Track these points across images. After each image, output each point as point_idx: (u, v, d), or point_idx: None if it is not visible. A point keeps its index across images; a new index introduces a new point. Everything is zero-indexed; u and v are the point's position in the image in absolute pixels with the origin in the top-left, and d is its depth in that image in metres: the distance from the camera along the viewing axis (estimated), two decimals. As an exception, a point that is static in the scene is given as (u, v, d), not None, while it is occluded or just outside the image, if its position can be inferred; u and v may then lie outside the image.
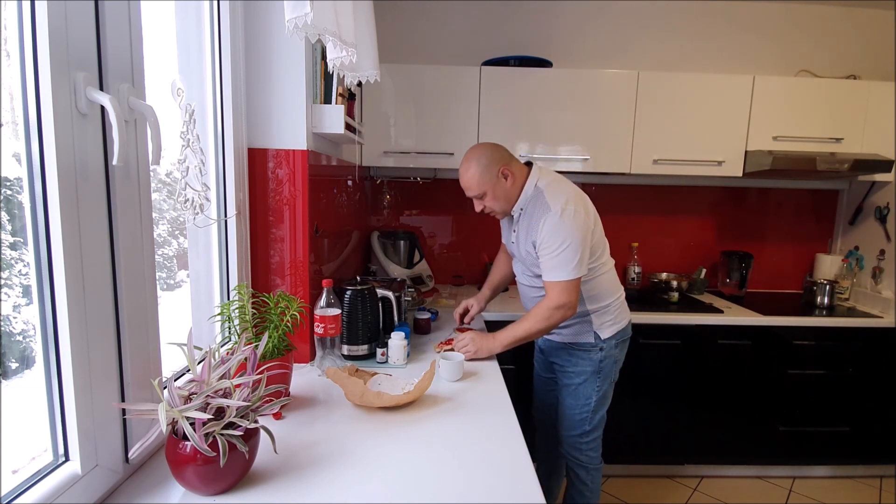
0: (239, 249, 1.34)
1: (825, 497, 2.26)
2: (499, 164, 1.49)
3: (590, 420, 1.62)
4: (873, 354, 2.22)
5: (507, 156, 1.54)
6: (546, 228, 1.43)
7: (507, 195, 1.52)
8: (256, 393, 0.87)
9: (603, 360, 1.59)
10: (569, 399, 1.64)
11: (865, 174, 2.40)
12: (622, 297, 1.66)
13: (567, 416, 1.65)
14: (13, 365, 0.77)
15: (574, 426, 1.64)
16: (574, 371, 1.62)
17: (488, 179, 1.49)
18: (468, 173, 1.51)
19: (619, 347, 1.63)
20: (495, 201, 1.53)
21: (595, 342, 1.58)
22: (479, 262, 2.74)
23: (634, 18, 2.57)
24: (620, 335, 1.62)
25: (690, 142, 2.31)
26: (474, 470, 0.94)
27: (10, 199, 0.72)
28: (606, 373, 1.61)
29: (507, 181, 1.50)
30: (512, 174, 1.50)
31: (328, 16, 1.08)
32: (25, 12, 0.67)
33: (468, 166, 1.51)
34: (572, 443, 1.66)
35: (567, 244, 1.41)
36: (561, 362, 1.66)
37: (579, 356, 1.61)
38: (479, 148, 1.53)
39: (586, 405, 1.61)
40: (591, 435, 1.64)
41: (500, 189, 1.51)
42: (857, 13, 2.58)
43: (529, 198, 1.51)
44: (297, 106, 1.38)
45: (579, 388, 1.61)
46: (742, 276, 2.57)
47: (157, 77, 0.95)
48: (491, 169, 1.49)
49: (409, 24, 2.53)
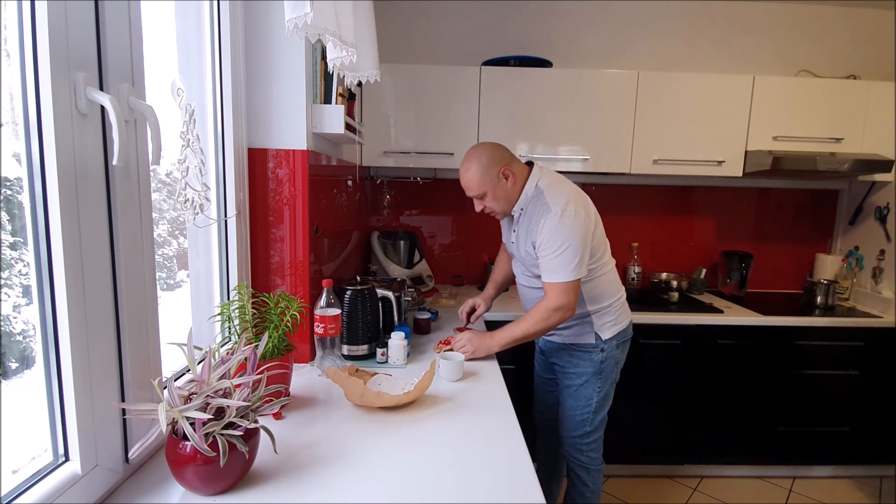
0: (239, 249, 1.34)
1: (825, 497, 2.26)
2: (500, 165, 1.49)
3: (591, 421, 1.62)
4: (873, 354, 2.22)
5: (509, 156, 1.53)
6: (546, 229, 1.42)
7: (507, 196, 1.52)
8: (256, 393, 0.87)
9: (604, 360, 1.58)
10: (570, 400, 1.64)
11: (865, 174, 2.40)
12: (623, 298, 1.65)
13: (568, 417, 1.65)
14: (13, 365, 0.77)
15: (575, 427, 1.64)
16: (575, 372, 1.62)
17: (489, 180, 1.49)
18: (468, 173, 1.50)
19: (621, 348, 1.63)
20: (495, 202, 1.52)
21: (596, 343, 1.58)
22: (479, 262, 2.74)
23: (634, 18, 2.57)
24: (621, 336, 1.62)
25: (690, 142, 2.31)
26: (474, 470, 0.94)
27: (10, 199, 0.72)
28: (607, 374, 1.60)
29: (507, 181, 1.50)
30: (513, 174, 1.50)
31: (328, 16, 1.08)
32: (25, 12, 0.67)
33: (469, 166, 1.50)
34: (573, 444, 1.65)
35: (567, 245, 1.40)
36: (562, 363, 1.66)
37: (580, 357, 1.60)
38: (480, 147, 1.52)
39: (587, 406, 1.61)
40: (593, 436, 1.64)
41: (501, 189, 1.50)
42: (857, 13, 2.58)
43: (530, 198, 1.51)
44: (297, 106, 1.38)
45: (580, 389, 1.61)
46: (742, 276, 2.57)
47: (158, 77, 0.95)
48: (491, 169, 1.48)
49: (409, 24, 2.53)
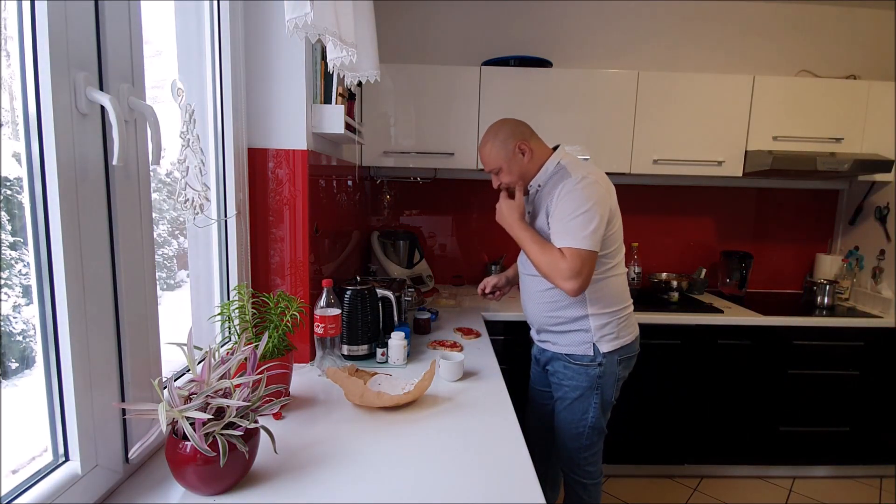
0: (239, 249, 1.34)
1: (825, 497, 2.26)
2: (516, 140, 1.46)
3: (587, 435, 1.54)
4: (873, 354, 2.22)
5: (528, 132, 1.50)
6: (563, 193, 1.36)
7: (521, 171, 1.48)
8: (256, 393, 0.87)
9: (601, 376, 1.49)
10: (565, 413, 1.55)
11: (865, 174, 2.40)
12: (629, 311, 1.54)
13: (563, 430, 1.57)
14: (13, 365, 0.77)
15: (571, 440, 1.56)
16: (569, 385, 1.53)
17: (503, 155, 1.46)
18: (485, 148, 1.49)
19: (623, 365, 1.52)
20: (511, 176, 1.49)
21: (594, 356, 1.48)
22: (480, 262, 2.74)
23: (634, 19, 2.57)
24: (624, 352, 1.51)
25: (690, 142, 2.31)
26: (474, 470, 0.94)
27: (10, 199, 0.72)
28: (605, 389, 1.50)
29: (524, 157, 1.47)
30: (530, 150, 1.46)
31: (328, 16, 1.08)
32: (25, 12, 0.67)
33: (486, 140, 1.49)
34: (571, 457, 1.58)
35: (583, 210, 1.33)
36: (557, 375, 1.57)
37: (575, 370, 1.51)
38: (499, 123, 1.50)
39: (583, 420, 1.53)
40: (591, 449, 1.56)
41: (515, 165, 1.47)
42: (857, 13, 2.58)
43: (550, 173, 1.47)
44: (297, 106, 1.38)
45: (575, 402, 1.53)
46: (742, 276, 2.57)
47: (157, 77, 0.95)
48: (507, 144, 1.46)
49: (409, 24, 2.53)
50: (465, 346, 1.69)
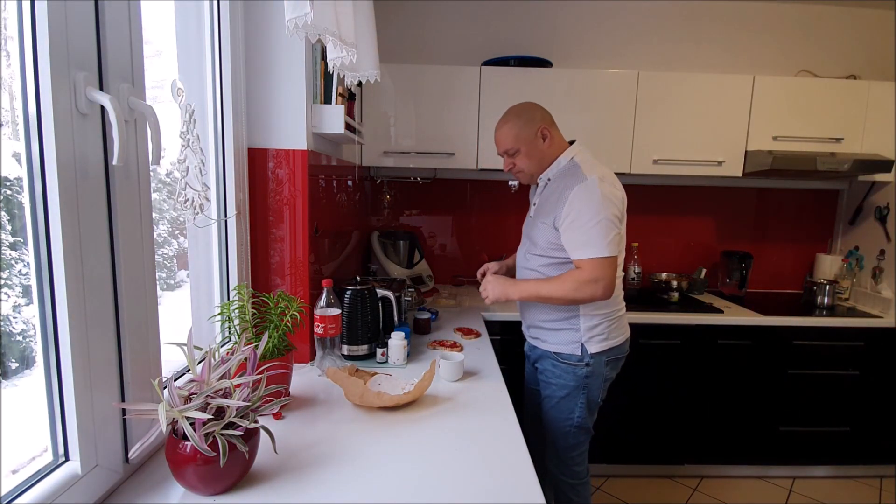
0: (239, 249, 1.34)
1: (825, 497, 2.26)
2: (539, 123, 1.45)
3: (574, 434, 1.54)
4: (873, 354, 2.22)
5: (550, 119, 1.50)
6: (580, 197, 1.33)
7: (540, 157, 1.46)
8: (256, 393, 0.87)
9: (588, 376, 1.48)
10: (552, 412, 1.56)
11: (865, 174, 2.40)
12: (621, 312, 1.55)
13: (550, 429, 1.58)
14: (13, 365, 0.77)
15: (557, 438, 1.56)
16: (556, 383, 1.53)
17: (525, 136, 1.44)
18: (505, 126, 1.46)
19: (611, 366, 1.52)
20: (528, 160, 1.47)
21: (581, 356, 1.48)
22: (479, 262, 2.71)
23: (634, 18, 2.57)
24: (613, 353, 1.51)
25: (690, 142, 2.31)
26: (474, 470, 0.94)
27: (10, 199, 0.72)
28: (592, 390, 1.50)
29: (544, 142, 1.45)
30: (551, 136, 1.45)
31: (328, 16, 1.08)
32: (25, 12, 0.67)
33: (507, 119, 1.47)
34: (558, 457, 1.59)
35: (603, 216, 1.31)
36: (545, 372, 1.57)
37: (562, 369, 1.51)
38: (523, 104, 1.49)
39: (569, 420, 1.53)
40: (577, 449, 1.57)
41: (536, 149, 1.46)
42: (857, 13, 2.58)
43: (562, 169, 1.45)
44: (297, 106, 1.38)
45: (561, 401, 1.53)
46: (742, 276, 2.57)
47: (157, 77, 0.95)
48: (531, 125, 1.44)
49: (409, 24, 2.53)
50: (465, 346, 1.69)
